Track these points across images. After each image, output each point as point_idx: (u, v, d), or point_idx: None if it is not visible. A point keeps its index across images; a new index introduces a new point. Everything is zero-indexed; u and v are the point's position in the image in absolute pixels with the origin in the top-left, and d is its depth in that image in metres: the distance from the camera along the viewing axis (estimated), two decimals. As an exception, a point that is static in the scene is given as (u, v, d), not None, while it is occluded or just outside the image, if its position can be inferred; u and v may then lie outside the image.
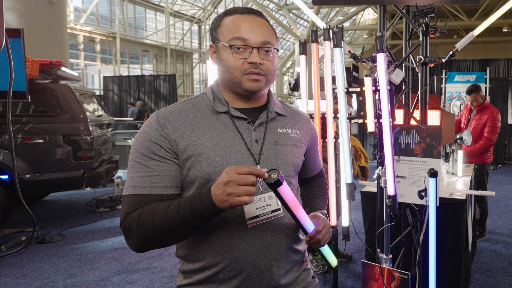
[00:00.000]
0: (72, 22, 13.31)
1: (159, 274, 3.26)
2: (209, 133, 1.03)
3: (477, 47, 22.31)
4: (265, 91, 1.11)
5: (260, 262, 1.03)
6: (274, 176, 0.88)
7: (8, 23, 6.39)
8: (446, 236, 2.46)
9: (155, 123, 1.02)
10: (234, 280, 1.03)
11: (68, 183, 4.53)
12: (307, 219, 1.01)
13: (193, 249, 1.05)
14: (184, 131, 1.01)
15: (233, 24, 1.03)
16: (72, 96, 4.52)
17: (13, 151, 1.69)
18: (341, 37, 2.10)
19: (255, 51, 1.01)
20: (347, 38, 25.35)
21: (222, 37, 1.03)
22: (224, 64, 1.03)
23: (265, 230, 1.03)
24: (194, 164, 1.00)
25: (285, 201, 0.93)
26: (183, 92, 18.80)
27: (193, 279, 1.06)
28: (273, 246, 1.04)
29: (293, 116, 1.18)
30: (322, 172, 1.36)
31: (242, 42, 1.01)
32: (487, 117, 3.94)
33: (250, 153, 1.04)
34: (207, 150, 1.00)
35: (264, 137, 1.07)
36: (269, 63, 1.04)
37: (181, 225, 0.92)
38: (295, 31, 16.57)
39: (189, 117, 1.04)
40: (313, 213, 1.11)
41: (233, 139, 1.03)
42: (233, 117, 1.06)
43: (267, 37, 1.03)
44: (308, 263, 1.22)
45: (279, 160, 1.07)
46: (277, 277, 1.06)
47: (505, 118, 8.46)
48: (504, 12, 2.44)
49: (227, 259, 1.02)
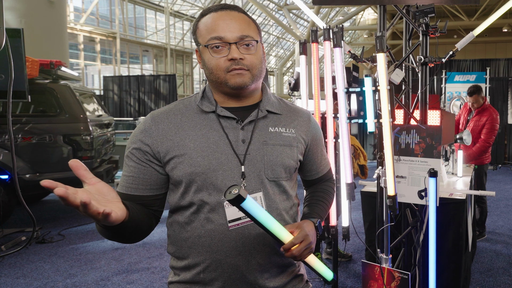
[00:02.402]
0: (72, 22, 13.30)
1: (159, 274, 3.26)
2: (193, 133, 1.02)
3: (477, 47, 22.30)
4: (255, 87, 1.05)
5: (242, 265, 1.01)
6: (234, 192, 0.82)
7: (8, 23, 6.39)
8: (446, 236, 2.46)
9: (143, 124, 1.04)
10: (216, 282, 1.02)
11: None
12: (282, 232, 0.95)
13: (179, 246, 1.05)
14: (168, 132, 1.01)
15: (208, 24, 1.00)
16: (72, 96, 4.52)
17: (13, 151, 1.69)
18: (341, 37, 2.10)
19: (234, 47, 0.98)
20: (347, 38, 25.35)
21: (200, 39, 1.02)
22: (207, 66, 1.01)
23: (247, 233, 1.01)
24: (177, 164, 1.00)
25: (253, 217, 0.89)
26: (183, 92, 18.79)
27: (180, 277, 1.06)
28: (256, 250, 1.02)
29: (289, 114, 1.12)
30: (330, 175, 1.28)
31: (219, 41, 0.98)
32: (486, 119, 3.93)
33: (234, 153, 1.01)
34: (189, 150, 1.00)
35: (251, 136, 1.04)
36: (251, 57, 1.00)
37: (107, 235, 0.94)
38: (295, 31, 16.57)
39: (176, 118, 1.04)
40: (302, 222, 1.04)
41: (218, 138, 1.01)
42: (220, 116, 1.03)
43: (244, 31, 1.00)
44: (301, 268, 1.16)
45: (266, 161, 1.03)
46: (261, 281, 1.03)
47: (505, 118, 8.46)
48: (504, 12, 2.44)
49: (209, 260, 1.01)
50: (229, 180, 1.00)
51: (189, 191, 1.01)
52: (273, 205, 1.05)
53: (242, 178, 1.01)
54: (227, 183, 1.00)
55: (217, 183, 1.00)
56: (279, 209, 1.07)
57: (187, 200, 1.01)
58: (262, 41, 1.10)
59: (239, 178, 1.01)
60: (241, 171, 1.01)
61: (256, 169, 1.03)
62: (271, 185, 1.05)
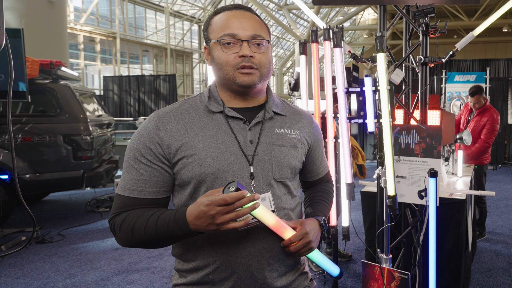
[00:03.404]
0: (72, 22, 13.30)
1: (159, 274, 3.26)
2: (202, 133, 1.01)
3: (477, 47, 22.29)
4: (261, 87, 1.07)
5: (251, 265, 1.02)
6: (232, 189, 0.86)
7: (8, 23, 6.39)
8: (446, 236, 2.46)
9: (150, 124, 1.02)
10: (226, 282, 1.02)
11: (68, 183, 4.54)
12: (282, 228, 0.99)
13: (186, 249, 1.05)
14: (177, 132, 1.01)
15: (222, 21, 1.02)
16: (72, 96, 4.52)
17: (13, 151, 1.69)
18: (341, 37, 2.10)
19: (245, 44, 1.00)
20: (347, 38, 25.34)
21: (212, 36, 1.03)
22: (217, 62, 1.02)
23: (257, 233, 1.02)
24: (186, 165, 0.99)
25: (252, 214, 0.92)
26: (183, 92, 18.79)
27: (187, 279, 1.06)
28: (266, 250, 1.03)
29: (293, 116, 1.14)
30: (328, 177, 1.30)
31: (231, 37, 1.00)
32: (487, 120, 3.93)
33: (243, 154, 1.02)
34: (198, 151, 1.00)
35: (259, 137, 1.05)
36: (261, 56, 1.02)
37: (160, 242, 0.98)
38: (295, 31, 16.57)
39: (184, 118, 1.03)
40: (306, 219, 1.08)
41: (226, 139, 1.02)
42: (228, 117, 1.04)
43: (256, 30, 1.02)
44: (306, 266, 1.19)
45: (273, 162, 1.05)
46: (270, 280, 1.04)
47: (505, 118, 8.46)
48: (504, 12, 2.44)
49: (218, 261, 1.01)
50: (238, 181, 1.00)
51: (198, 192, 1.01)
52: (280, 204, 1.06)
53: (251, 179, 1.02)
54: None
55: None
56: (287, 208, 1.08)
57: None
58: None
59: (248, 179, 1.02)
60: (250, 171, 1.02)
61: (264, 169, 1.04)
62: (278, 186, 1.06)
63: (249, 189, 1.01)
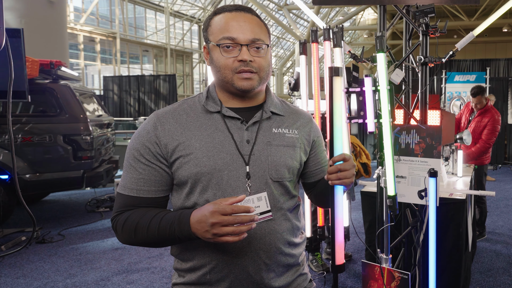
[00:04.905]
0: (72, 22, 13.30)
1: (159, 274, 3.26)
2: (199, 133, 1.02)
3: (477, 47, 22.30)
4: (260, 89, 1.07)
5: (248, 265, 1.02)
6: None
7: (8, 23, 6.39)
8: (446, 236, 2.46)
9: (148, 124, 1.03)
10: (223, 282, 1.02)
11: (68, 183, 4.54)
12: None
13: (184, 248, 1.05)
14: (174, 132, 1.01)
15: (222, 23, 1.01)
16: (72, 96, 4.52)
17: (13, 151, 1.69)
18: (341, 37, 2.10)
19: (244, 48, 0.99)
20: (347, 38, 25.35)
21: (212, 37, 1.02)
22: (215, 64, 1.02)
23: (254, 233, 1.01)
24: (182, 164, 1.00)
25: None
26: (183, 92, 18.79)
27: (185, 279, 1.06)
28: (262, 250, 1.03)
29: (292, 116, 1.14)
30: None
31: (230, 41, 0.99)
32: (488, 120, 3.92)
33: (239, 153, 1.02)
34: (195, 150, 1.00)
35: (256, 137, 1.05)
36: (260, 60, 1.02)
37: (161, 242, 0.99)
38: (295, 31, 16.58)
39: (182, 118, 1.04)
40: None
41: (223, 139, 1.02)
42: (225, 116, 1.04)
43: (256, 34, 1.01)
44: (305, 267, 1.18)
45: (270, 161, 1.04)
46: (267, 280, 1.04)
47: (505, 118, 8.46)
48: (504, 12, 2.44)
49: (215, 261, 1.02)
50: (234, 181, 1.00)
51: (194, 192, 1.01)
52: (277, 204, 1.06)
53: (247, 178, 1.02)
54: (232, 184, 1.01)
55: (222, 184, 1.00)
56: (284, 208, 1.08)
57: (192, 201, 1.01)
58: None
59: (244, 178, 1.02)
60: (246, 171, 1.02)
61: (260, 169, 1.03)
62: (275, 185, 1.06)
63: (245, 188, 1.01)
